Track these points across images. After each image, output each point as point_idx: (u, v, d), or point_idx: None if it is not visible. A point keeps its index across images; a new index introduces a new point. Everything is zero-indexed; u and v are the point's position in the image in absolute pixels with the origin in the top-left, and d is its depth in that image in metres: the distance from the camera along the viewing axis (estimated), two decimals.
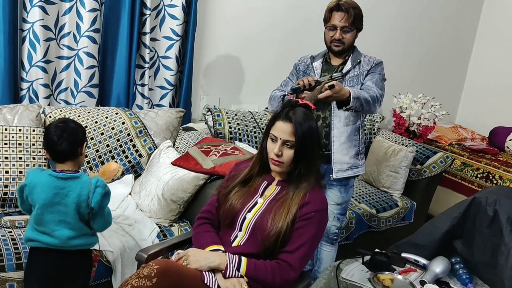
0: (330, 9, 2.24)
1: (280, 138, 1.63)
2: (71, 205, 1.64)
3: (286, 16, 3.41)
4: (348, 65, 2.30)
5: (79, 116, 2.49)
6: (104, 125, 2.54)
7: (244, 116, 3.12)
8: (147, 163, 2.60)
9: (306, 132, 1.62)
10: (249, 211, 1.70)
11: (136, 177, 2.58)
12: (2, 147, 2.28)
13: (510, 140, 3.98)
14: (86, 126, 2.47)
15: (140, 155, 2.61)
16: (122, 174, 2.53)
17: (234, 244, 1.69)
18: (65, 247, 1.67)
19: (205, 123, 3.06)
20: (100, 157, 2.50)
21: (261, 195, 1.73)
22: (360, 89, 2.24)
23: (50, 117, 2.44)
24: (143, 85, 2.89)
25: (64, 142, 1.66)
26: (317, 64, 2.36)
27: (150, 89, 2.94)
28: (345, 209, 2.43)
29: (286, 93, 2.29)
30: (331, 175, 2.28)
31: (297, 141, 1.62)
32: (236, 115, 3.09)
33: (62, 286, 1.70)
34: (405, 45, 4.12)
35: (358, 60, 2.29)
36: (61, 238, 1.66)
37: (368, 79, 2.28)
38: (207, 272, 1.57)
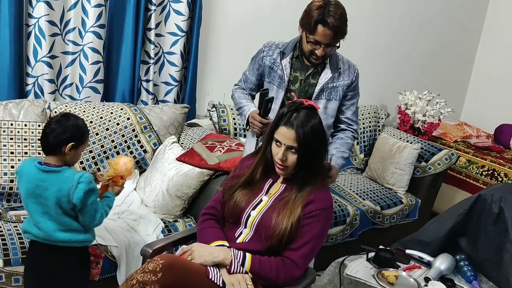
0: (316, 21, 1.88)
1: (284, 144, 1.62)
2: (51, 199, 1.61)
3: (292, 12, 3.39)
4: (327, 73, 2.03)
5: (84, 111, 2.50)
6: (109, 121, 2.55)
7: None
8: (152, 158, 2.61)
9: (308, 134, 1.59)
10: (254, 208, 1.70)
11: (141, 173, 2.59)
12: (8, 142, 2.29)
13: None
14: (91, 122, 2.48)
15: (145, 151, 2.62)
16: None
17: (238, 240, 1.69)
18: (51, 241, 1.65)
19: (210, 119, 3.07)
20: (105, 152, 2.51)
21: (266, 193, 1.73)
22: (339, 112, 2.12)
23: (55, 112, 2.45)
24: (148, 80, 2.90)
25: (51, 135, 1.63)
26: (286, 63, 2.05)
27: (155, 85, 2.94)
28: None
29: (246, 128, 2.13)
30: None
31: (300, 147, 1.60)
32: None
33: (57, 280, 1.69)
34: (410, 42, 4.10)
35: (339, 70, 2.05)
36: (45, 230, 1.64)
37: (349, 107, 2.12)
38: (211, 267, 1.58)
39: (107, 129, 2.53)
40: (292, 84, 2.07)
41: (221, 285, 1.55)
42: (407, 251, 2.12)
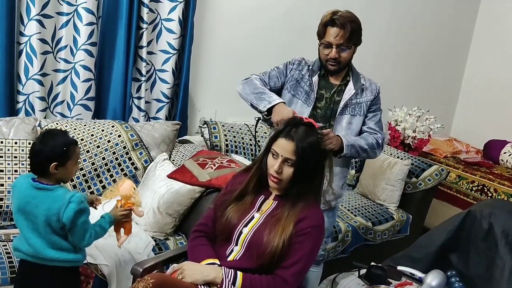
0: (324, 23, 2.01)
1: (282, 155, 1.63)
2: (40, 217, 1.60)
3: (282, 30, 3.44)
4: (351, 89, 2.10)
5: (75, 129, 2.50)
6: (100, 138, 2.54)
7: (240, 129, 3.13)
8: (143, 176, 2.60)
9: (306, 149, 1.62)
10: (246, 225, 1.69)
11: None
12: None
13: (504, 153, 4.00)
14: (82, 139, 2.47)
15: (136, 168, 2.61)
16: None
17: (229, 258, 1.68)
18: (41, 259, 1.63)
19: (201, 136, 3.07)
20: (96, 170, 2.50)
21: (258, 209, 1.73)
22: (362, 125, 2.14)
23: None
24: (139, 98, 2.90)
25: (35, 156, 1.63)
26: (316, 80, 2.12)
27: (146, 102, 2.95)
28: (330, 232, 2.39)
29: (261, 120, 2.09)
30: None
31: (297, 159, 1.62)
32: (232, 127, 3.10)
33: None
34: (399, 58, 4.16)
35: (362, 87, 2.12)
36: (35, 246, 1.62)
37: (371, 118, 2.15)
38: (202, 286, 1.57)
39: (98, 147, 2.53)
40: (318, 101, 2.12)
41: None
42: (399, 267, 2.12)
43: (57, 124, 2.48)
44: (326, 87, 2.13)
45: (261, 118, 2.08)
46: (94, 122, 2.61)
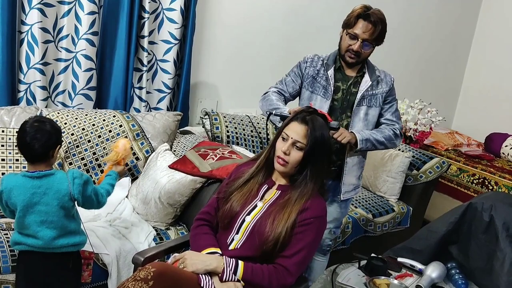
0: (358, 15, 2.01)
1: (292, 138, 1.65)
2: (52, 202, 1.63)
3: (285, 21, 3.42)
4: (367, 81, 2.13)
5: (76, 118, 2.49)
6: (102, 128, 2.54)
7: (242, 120, 3.12)
8: (144, 166, 2.60)
9: (319, 138, 1.64)
10: (248, 214, 1.70)
11: (133, 180, 2.58)
12: None
13: (505, 146, 4.00)
14: (83, 129, 2.47)
15: (137, 158, 2.61)
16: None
17: (230, 247, 1.69)
18: (50, 248, 1.66)
19: (203, 127, 3.07)
20: (97, 159, 2.50)
21: (261, 198, 1.74)
22: (379, 116, 2.19)
23: None
24: (140, 88, 2.90)
25: (36, 144, 1.62)
26: (332, 73, 2.13)
27: (147, 92, 2.94)
28: (340, 223, 2.41)
29: (273, 113, 2.00)
30: (338, 197, 2.20)
31: (308, 144, 1.63)
32: (233, 119, 3.10)
33: None
34: (402, 50, 4.14)
35: (378, 79, 2.16)
36: (45, 238, 1.65)
37: (388, 110, 2.20)
38: (203, 275, 1.57)
39: (99, 136, 2.53)
40: (335, 93, 2.14)
41: None
42: (399, 259, 2.13)
43: (58, 113, 2.48)
44: (342, 79, 2.15)
45: (273, 113, 2.02)
46: (96, 112, 2.61)
